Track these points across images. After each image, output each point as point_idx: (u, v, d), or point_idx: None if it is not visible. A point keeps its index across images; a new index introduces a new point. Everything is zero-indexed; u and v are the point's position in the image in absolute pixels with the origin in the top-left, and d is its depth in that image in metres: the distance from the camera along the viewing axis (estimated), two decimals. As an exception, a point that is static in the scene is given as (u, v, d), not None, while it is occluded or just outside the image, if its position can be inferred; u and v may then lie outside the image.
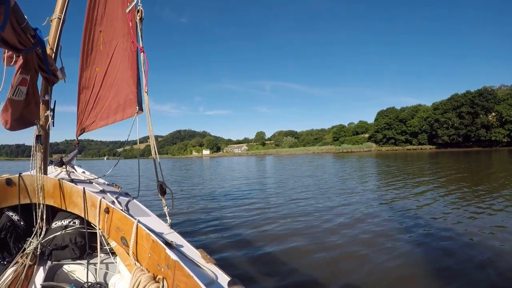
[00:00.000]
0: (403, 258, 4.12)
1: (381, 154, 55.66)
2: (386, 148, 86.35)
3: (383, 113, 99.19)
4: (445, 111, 74.00)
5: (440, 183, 11.62)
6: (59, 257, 2.26)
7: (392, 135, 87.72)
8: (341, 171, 19.41)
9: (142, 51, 2.58)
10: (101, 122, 3.29)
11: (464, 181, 12.02)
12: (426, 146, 78.32)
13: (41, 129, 2.57)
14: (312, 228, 5.84)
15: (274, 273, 3.79)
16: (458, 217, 6.13)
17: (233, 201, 9.42)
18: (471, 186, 10.31)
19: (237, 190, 12.06)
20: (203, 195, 11.15)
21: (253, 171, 23.22)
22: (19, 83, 2.07)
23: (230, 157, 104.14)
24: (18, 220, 2.39)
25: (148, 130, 2.62)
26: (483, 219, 5.92)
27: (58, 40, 2.77)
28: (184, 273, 1.27)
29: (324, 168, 23.69)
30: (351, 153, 77.06)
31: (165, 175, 17.52)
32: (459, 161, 25.51)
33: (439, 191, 9.62)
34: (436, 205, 7.44)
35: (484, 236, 4.87)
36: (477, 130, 67.72)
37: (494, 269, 3.64)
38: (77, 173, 3.96)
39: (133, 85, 2.92)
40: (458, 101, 71.60)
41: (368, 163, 28.53)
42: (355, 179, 14.46)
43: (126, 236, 1.84)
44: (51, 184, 2.48)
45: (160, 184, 2.57)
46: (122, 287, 1.87)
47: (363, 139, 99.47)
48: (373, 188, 11.15)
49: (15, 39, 1.69)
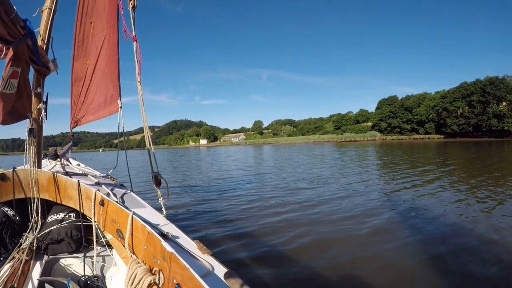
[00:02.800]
0: (411, 253, 4.24)
1: (386, 143, 55.67)
2: (391, 137, 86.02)
3: (385, 101, 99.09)
4: (454, 100, 73.36)
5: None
6: (55, 251, 2.30)
7: (397, 124, 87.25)
8: (360, 163, 19.51)
9: (134, 40, 2.60)
10: (90, 117, 3.34)
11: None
12: (433, 136, 77.86)
13: (34, 122, 2.59)
14: (310, 219, 5.98)
15: (270, 263, 3.91)
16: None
17: (230, 191, 9.56)
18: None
19: (234, 181, 12.16)
20: (200, 185, 11.30)
21: (255, 163, 23.29)
22: (9, 76, 2.08)
23: (227, 146, 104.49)
24: (14, 215, 2.42)
25: (142, 121, 2.66)
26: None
27: (49, 31, 2.77)
28: (180, 265, 1.30)
29: (333, 158, 23.75)
30: (354, 142, 77.02)
31: (160, 166, 17.68)
32: (473, 151, 24.71)
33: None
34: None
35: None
36: (489, 120, 67.14)
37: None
38: (72, 165, 4.01)
39: (115, 80, 2.96)
40: (468, 90, 70.71)
41: (382, 152, 28.21)
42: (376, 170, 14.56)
43: (122, 229, 1.87)
44: (46, 177, 2.51)
45: (155, 175, 2.62)
46: (118, 279, 1.91)
47: (366, 128, 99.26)
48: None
49: (4, 30, 1.70)
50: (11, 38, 1.80)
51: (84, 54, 3.33)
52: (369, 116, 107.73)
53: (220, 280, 1.40)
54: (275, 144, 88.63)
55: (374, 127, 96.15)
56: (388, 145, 48.16)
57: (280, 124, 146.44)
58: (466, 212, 6.02)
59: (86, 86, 3.34)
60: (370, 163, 17.85)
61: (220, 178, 13.53)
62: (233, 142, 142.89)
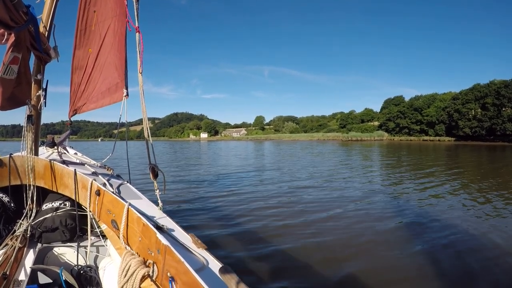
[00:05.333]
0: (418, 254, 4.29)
1: (394, 144, 55.49)
2: (399, 138, 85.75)
3: (391, 101, 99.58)
4: (466, 102, 72.67)
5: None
6: (49, 239, 2.32)
7: (406, 124, 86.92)
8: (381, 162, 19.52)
9: (137, 31, 2.65)
10: (92, 105, 3.38)
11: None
12: (444, 138, 77.37)
13: (32, 109, 2.61)
14: (308, 214, 6.14)
15: (265, 259, 4.01)
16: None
17: (227, 187, 9.67)
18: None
19: (235, 177, 12.23)
20: (197, 179, 11.46)
21: (268, 163, 23.30)
22: (10, 61, 2.11)
23: (228, 141, 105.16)
24: (8, 201, 2.44)
25: (142, 112, 2.70)
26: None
27: (52, 18, 2.81)
28: (174, 258, 1.32)
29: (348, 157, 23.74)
30: (361, 141, 76.85)
31: (159, 158, 17.76)
32: (494, 156, 23.53)
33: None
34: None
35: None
36: (503, 124, 66.24)
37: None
38: (69, 154, 4.05)
39: (121, 69, 3.00)
40: (482, 92, 70.00)
41: (395, 153, 28.03)
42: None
43: (117, 219, 1.88)
44: (42, 165, 2.52)
45: (152, 167, 2.65)
46: (112, 270, 1.93)
47: (372, 127, 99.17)
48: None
49: (6, 15, 1.72)
50: (13, 23, 1.82)
51: (86, 42, 3.37)
52: (374, 116, 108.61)
53: (214, 274, 1.43)
54: (278, 141, 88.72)
55: (381, 127, 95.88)
56: (397, 146, 47.92)
57: (282, 120, 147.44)
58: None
59: (87, 74, 3.38)
60: (397, 165, 17.78)
61: (219, 173, 13.63)
62: (234, 137, 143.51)
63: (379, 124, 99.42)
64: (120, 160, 16.44)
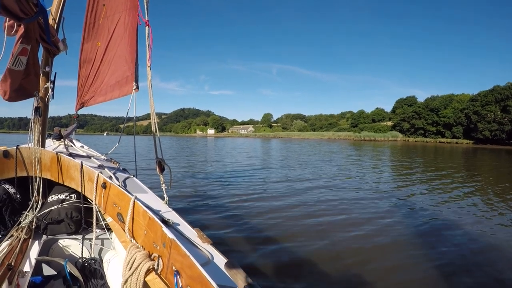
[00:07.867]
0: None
1: (410, 145, 54.66)
2: (414, 139, 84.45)
3: (403, 101, 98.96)
4: (486, 103, 71.01)
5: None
6: (54, 231, 2.37)
7: (422, 126, 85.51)
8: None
9: (147, 24, 2.70)
10: (100, 98, 3.46)
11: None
12: (461, 140, 75.73)
13: (40, 101, 2.67)
14: (313, 214, 6.22)
15: (271, 256, 4.07)
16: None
17: (236, 184, 9.75)
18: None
19: (243, 174, 12.23)
20: (204, 175, 11.59)
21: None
22: (19, 52, 2.16)
23: (235, 137, 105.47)
24: (14, 193, 2.50)
25: (150, 106, 2.74)
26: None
27: (61, 11, 2.87)
28: (180, 252, 1.34)
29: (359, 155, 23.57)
30: (374, 141, 76.05)
31: (165, 154, 17.92)
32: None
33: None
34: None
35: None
36: (526, 127, 64.47)
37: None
38: (75, 147, 4.12)
39: (131, 62, 3.05)
40: (502, 94, 68.26)
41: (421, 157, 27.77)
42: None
43: (123, 212, 1.92)
44: (49, 157, 2.58)
45: (159, 161, 2.70)
46: (116, 263, 1.97)
47: (385, 127, 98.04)
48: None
49: (16, 7, 1.76)
50: (23, 14, 1.86)
51: (95, 36, 3.44)
52: (385, 116, 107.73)
53: (219, 269, 1.46)
54: (287, 139, 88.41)
55: (395, 127, 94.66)
56: (414, 147, 47.04)
57: (290, 118, 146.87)
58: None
59: (96, 67, 3.45)
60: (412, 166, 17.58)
61: (225, 169, 13.73)
62: (241, 133, 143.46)
63: (392, 124, 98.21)
64: (126, 155, 16.65)
